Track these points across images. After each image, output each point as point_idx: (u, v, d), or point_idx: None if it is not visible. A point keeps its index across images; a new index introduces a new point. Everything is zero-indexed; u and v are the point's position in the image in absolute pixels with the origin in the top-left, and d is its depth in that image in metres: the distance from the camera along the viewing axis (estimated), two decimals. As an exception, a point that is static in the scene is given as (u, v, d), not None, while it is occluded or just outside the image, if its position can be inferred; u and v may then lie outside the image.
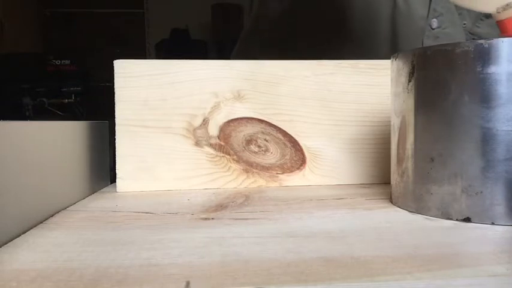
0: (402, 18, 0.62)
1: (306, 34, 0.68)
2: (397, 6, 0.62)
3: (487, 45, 0.30)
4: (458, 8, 0.61)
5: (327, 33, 0.66)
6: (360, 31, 0.63)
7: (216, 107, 0.46)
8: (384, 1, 0.62)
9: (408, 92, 0.34)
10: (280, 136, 0.47)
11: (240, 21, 2.67)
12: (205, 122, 0.45)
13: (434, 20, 0.61)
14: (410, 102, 0.34)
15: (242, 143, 0.46)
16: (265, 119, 0.46)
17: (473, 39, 0.64)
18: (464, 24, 0.63)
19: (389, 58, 0.38)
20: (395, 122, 0.36)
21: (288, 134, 0.47)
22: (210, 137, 0.46)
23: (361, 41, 0.63)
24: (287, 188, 0.46)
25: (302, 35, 0.69)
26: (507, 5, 0.43)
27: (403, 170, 0.35)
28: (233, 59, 0.61)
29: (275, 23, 0.71)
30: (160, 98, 0.45)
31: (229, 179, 0.46)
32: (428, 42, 0.63)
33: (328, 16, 0.65)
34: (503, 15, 0.47)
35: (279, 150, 0.47)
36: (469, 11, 0.61)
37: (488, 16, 0.62)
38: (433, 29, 0.62)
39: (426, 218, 0.32)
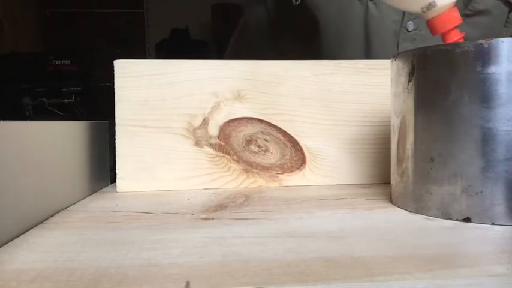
0: (375, 23, 0.63)
1: (284, 41, 0.70)
2: (369, 11, 0.62)
3: (487, 45, 0.30)
4: None
5: (303, 39, 0.67)
6: (334, 37, 0.65)
7: (216, 107, 0.46)
8: (356, 6, 0.63)
9: (408, 92, 0.34)
10: (280, 136, 0.47)
11: (240, 22, 2.67)
12: (205, 122, 0.45)
13: (411, 22, 0.62)
14: (410, 102, 0.34)
15: (242, 143, 0.46)
16: (265, 119, 0.46)
17: None
18: None
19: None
20: (395, 122, 0.36)
21: (288, 134, 0.47)
22: (210, 137, 0.46)
23: (335, 46, 0.64)
24: (287, 188, 0.46)
25: (281, 41, 0.70)
26: (430, 4, 0.43)
27: (403, 170, 0.35)
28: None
29: (260, 31, 0.73)
30: (160, 98, 0.45)
31: (229, 179, 0.46)
32: (405, 44, 0.63)
33: (305, 24, 0.66)
34: (429, 15, 0.47)
35: (279, 150, 0.47)
36: None
37: (468, 15, 0.63)
38: (409, 31, 0.62)
39: (426, 218, 0.32)
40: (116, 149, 0.45)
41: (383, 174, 0.48)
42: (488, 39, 0.30)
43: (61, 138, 0.37)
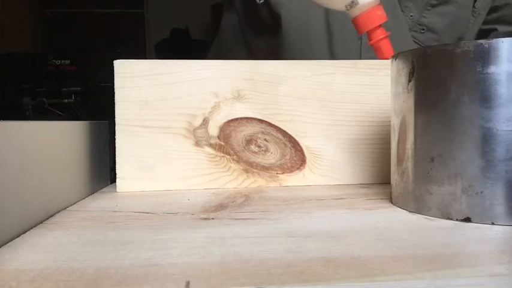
0: (336, 20, 0.64)
1: (256, 41, 0.72)
2: (330, 10, 0.63)
3: (487, 45, 0.30)
4: (402, 1, 0.63)
5: (269, 39, 0.68)
6: (297, 35, 0.65)
7: (216, 107, 0.46)
8: (317, 7, 0.64)
9: (408, 92, 0.34)
10: (280, 136, 0.47)
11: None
12: (205, 122, 0.45)
13: None
14: (410, 102, 0.34)
15: (242, 143, 0.46)
16: (265, 119, 0.46)
17: (422, 30, 0.65)
18: (411, 15, 0.64)
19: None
20: (395, 122, 0.36)
21: (288, 134, 0.47)
22: (210, 137, 0.46)
23: (299, 44, 0.65)
24: (287, 188, 0.46)
25: (252, 42, 0.72)
26: (352, 2, 0.44)
27: (403, 170, 0.35)
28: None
29: (233, 33, 0.75)
30: (160, 98, 0.45)
31: (229, 179, 0.46)
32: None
33: (269, 23, 0.67)
34: (353, 13, 0.47)
35: (279, 150, 0.47)
36: (414, 2, 0.63)
37: (434, 5, 0.64)
38: None
39: (426, 218, 0.32)
40: (116, 149, 0.45)
41: (383, 174, 0.48)
42: (488, 39, 0.30)
43: (61, 138, 0.37)
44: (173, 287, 0.20)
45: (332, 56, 0.65)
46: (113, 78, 0.44)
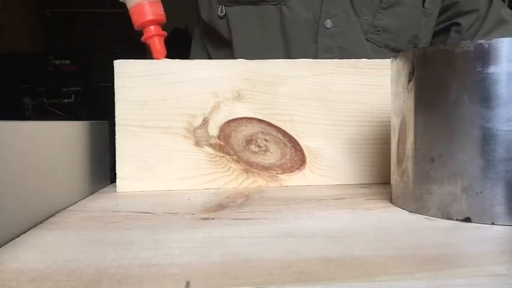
0: (290, 24, 0.67)
1: (217, 53, 0.75)
2: (283, 14, 0.66)
3: (487, 45, 0.30)
4: (357, 6, 0.67)
5: (229, 50, 0.71)
6: (256, 43, 0.69)
7: (216, 107, 0.46)
8: (271, 12, 0.67)
9: (408, 92, 0.34)
10: (280, 136, 0.47)
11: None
12: (205, 122, 0.45)
13: (328, 20, 0.66)
14: (410, 102, 0.34)
15: (242, 143, 0.46)
16: (265, 119, 0.46)
17: (378, 31, 0.68)
18: (366, 19, 0.68)
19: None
20: (395, 122, 0.36)
21: (288, 134, 0.47)
22: (210, 137, 0.45)
23: (258, 52, 0.67)
24: (287, 188, 0.46)
25: (213, 53, 0.76)
26: None
27: (403, 170, 0.35)
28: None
29: (201, 33, 0.79)
30: (160, 98, 0.45)
31: (229, 179, 0.46)
32: (324, 40, 0.67)
33: (230, 35, 0.70)
34: (127, 4, 0.47)
35: (279, 150, 0.47)
36: (367, 7, 0.67)
37: (385, 7, 0.67)
38: (328, 28, 0.66)
39: (426, 218, 0.32)
40: (116, 149, 0.45)
41: (383, 174, 0.48)
42: (488, 40, 0.30)
43: (61, 138, 0.37)
44: (173, 287, 0.20)
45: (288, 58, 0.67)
46: (113, 78, 0.44)
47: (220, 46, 0.74)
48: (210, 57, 0.76)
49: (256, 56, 0.64)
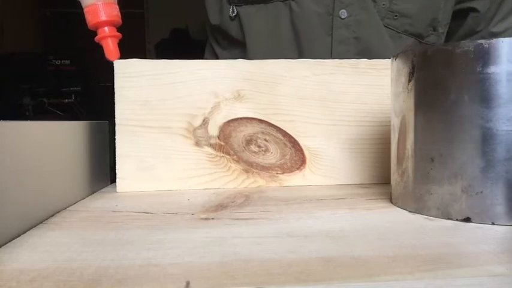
0: (300, 21, 0.66)
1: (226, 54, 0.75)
2: (293, 10, 0.65)
3: (487, 45, 0.30)
4: None
5: (242, 50, 0.71)
6: (268, 42, 0.68)
7: (216, 107, 0.46)
8: (281, 9, 0.66)
9: (408, 92, 0.34)
10: (280, 136, 0.47)
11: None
12: (205, 122, 0.45)
13: (343, 10, 0.64)
14: (410, 102, 0.34)
15: (242, 143, 0.46)
16: (265, 119, 0.46)
17: (395, 16, 0.66)
18: (384, 4, 0.66)
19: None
20: (395, 122, 0.36)
21: (288, 134, 0.47)
22: (210, 137, 0.45)
23: (270, 51, 0.67)
24: (287, 188, 0.46)
25: (222, 54, 0.76)
26: None
27: (403, 170, 0.35)
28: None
29: (210, 38, 0.80)
30: (160, 98, 0.45)
31: (229, 179, 0.46)
32: (340, 31, 0.65)
33: (242, 35, 0.70)
34: (82, 4, 0.47)
35: (279, 150, 0.47)
36: None
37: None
38: (343, 18, 0.65)
39: (426, 218, 0.32)
40: (116, 149, 0.45)
41: (383, 174, 0.48)
42: (488, 40, 0.30)
43: (61, 138, 0.37)
44: (173, 287, 0.20)
45: (301, 55, 0.66)
46: (113, 78, 0.44)
47: (228, 47, 0.73)
48: (217, 57, 0.76)
49: (269, 54, 0.63)
